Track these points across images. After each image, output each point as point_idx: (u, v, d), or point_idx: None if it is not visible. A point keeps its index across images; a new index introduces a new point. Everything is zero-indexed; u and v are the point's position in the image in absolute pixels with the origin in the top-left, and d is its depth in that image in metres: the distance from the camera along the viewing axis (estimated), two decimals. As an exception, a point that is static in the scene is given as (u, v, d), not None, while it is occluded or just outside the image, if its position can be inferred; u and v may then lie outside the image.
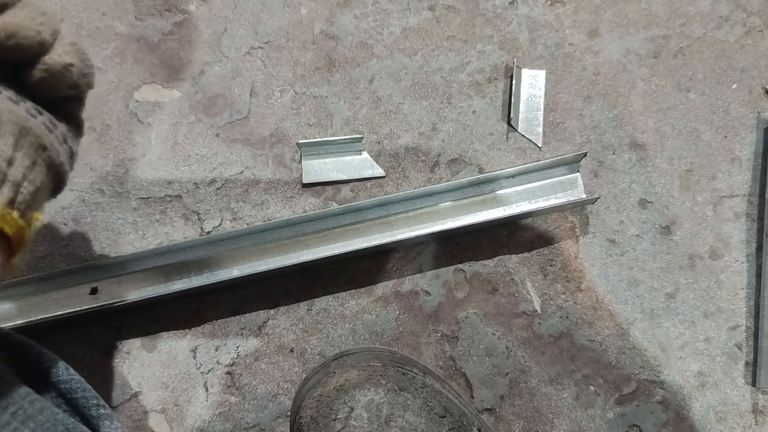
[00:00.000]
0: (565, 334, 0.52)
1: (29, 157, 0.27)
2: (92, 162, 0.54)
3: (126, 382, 0.50)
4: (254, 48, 0.57)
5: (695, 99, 0.57)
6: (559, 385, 0.52)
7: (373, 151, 0.55)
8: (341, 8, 0.58)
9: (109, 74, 0.56)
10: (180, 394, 0.50)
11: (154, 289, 0.50)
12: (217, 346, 0.51)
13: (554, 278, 0.53)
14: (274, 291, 0.52)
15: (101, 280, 0.50)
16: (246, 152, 0.54)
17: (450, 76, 0.57)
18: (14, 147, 0.26)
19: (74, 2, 0.57)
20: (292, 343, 0.51)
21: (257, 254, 0.51)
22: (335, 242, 0.52)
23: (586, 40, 0.58)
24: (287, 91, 0.56)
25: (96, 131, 0.54)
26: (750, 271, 0.54)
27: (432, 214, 0.52)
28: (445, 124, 0.56)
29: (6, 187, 0.26)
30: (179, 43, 0.57)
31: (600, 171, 0.55)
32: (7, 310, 0.49)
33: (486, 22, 0.58)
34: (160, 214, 0.53)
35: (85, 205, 0.53)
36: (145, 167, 0.54)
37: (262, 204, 0.54)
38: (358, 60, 0.57)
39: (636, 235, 0.54)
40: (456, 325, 0.52)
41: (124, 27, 0.57)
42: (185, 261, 0.50)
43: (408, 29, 0.57)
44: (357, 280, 0.53)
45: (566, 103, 0.57)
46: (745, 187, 0.55)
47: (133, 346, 0.51)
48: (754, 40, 0.58)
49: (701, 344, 0.53)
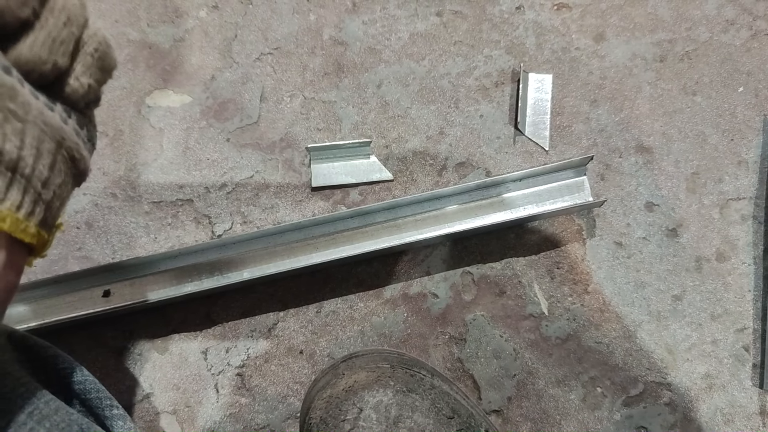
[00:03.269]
0: (572, 336, 0.53)
1: (62, 173, 0.27)
2: (105, 166, 0.55)
3: (138, 383, 0.51)
4: (264, 54, 0.57)
5: (701, 102, 0.57)
6: (566, 387, 0.52)
7: (382, 155, 0.56)
8: (350, 14, 0.58)
9: (122, 80, 0.56)
10: (191, 396, 0.51)
11: (165, 292, 0.51)
12: (228, 348, 0.52)
13: (561, 281, 0.54)
14: (283, 293, 0.53)
15: (114, 283, 0.51)
16: (256, 156, 0.55)
17: (457, 80, 0.57)
18: (50, 168, 0.25)
19: (88, 10, 0.58)
20: (302, 345, 0.52)
21: (267, 257, 0.52)
22: (344, 245, 0.52)
23: (593, 44, 0.58)
24: (296, 96, 0.57)
25: (109, 136, 0.55)
26: (757, 274, 0.54)
27: (440, 217, 0.53)
28: (453, 128, 0.56)
29: (39, 207, 0.25)
30: (190, 49, 0.57)
31: (607, 174, 0.56)
32: (23, 312, 0.50)
33: (493, 27, 0.58)
34: (171, 217, 0.54)
35: (98, 209, 0.54)
36: (157, 171, 0.55)
37: (272, 207, 0.54)
38: (367, 65, 0.57)
39: (643, 238, 0.55)
40: (464, 327, 0.53)
41: (136, 34, 0.58)
42: (196, 264, 0.51)
43: (416, 34, 0.58)
44: (365, 282, 0.53)
45: (573, 106, 0.57)
46: (752, 189, 0.55)
47: (145, 347, 0.52)
48: (761, 44, 0.58)
49: (708, 346, 0.53)
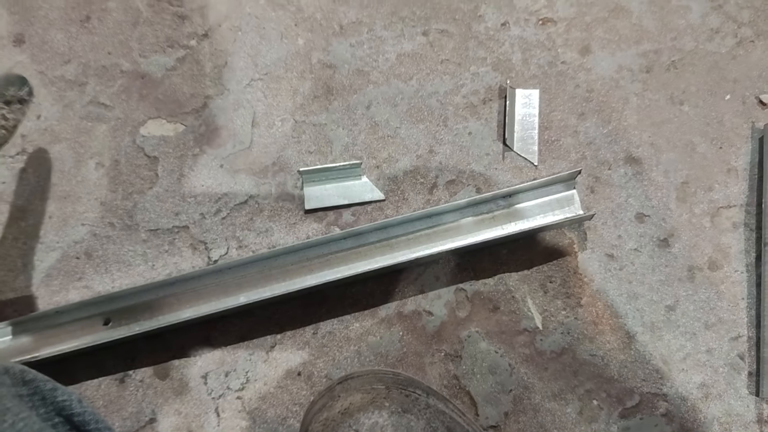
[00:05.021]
0: (567, 350, 0.53)
1: None
2: (102, 196, 0.56)
3: (140, 409, 0.52)
4: (254, 80, 0.58)
5: (689, 111, 0.58)
6: (562, 401, 0.52)
7: (373, 175, 0.57)
8: (337, 37, 0.59)
9: (116, 110, 0.58)
10: (192, 420, 0.52)
11: (164, 318, 0.52)
12: (227, 371, 0.53)
13: (554, 294, 0.54)
14: (280, 316, 0.54)
15: (114, 312, 0.52)
16: (250, 181, 0.56)
17: (445, 99, 0.58)
18: None
19: (81, 43, 0.59)
20: (300, 366, 0.53)
21: (263, 281, 0.53)
22: (338, 266, 0.53)
23: (579, 57, 0.59)
24: (287, 120, 0.58)
25: (105, 166, 0.56)
26: (750, 281, 0.54)
27: (431, 236, 0.54)
28: (442, 146, 0.57)
29: None
30: (182, 77, 0.59)
31: (596, 187, 0.56)
32: (25, 343, 0.51)
33: (479, 45, 0.59)
34: (168, 244, 0.55)
35: (97, 239, 0.55)
36: (153, 200, 0.56)
37: (266, 231, 0.55)
38: (355, 87, 0.58)
39: (634, 249, 0.55)
40: (459, 344, 0.53)
41: (129, 64, 0.59)
42: (194, 289, 0.52)
43: (403, 55, 0.59)
44: (361, 302, 0.54)
45: (560, 120, 0.58)
46: (742, 197, 0.56)
47: (146, 374, 0.53)
48: (746, 51, 0.59)
49: (703, 356, 0.53)
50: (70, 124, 0.57)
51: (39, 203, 0.55)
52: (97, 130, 0.57)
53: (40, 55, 0.59)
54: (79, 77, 0.58)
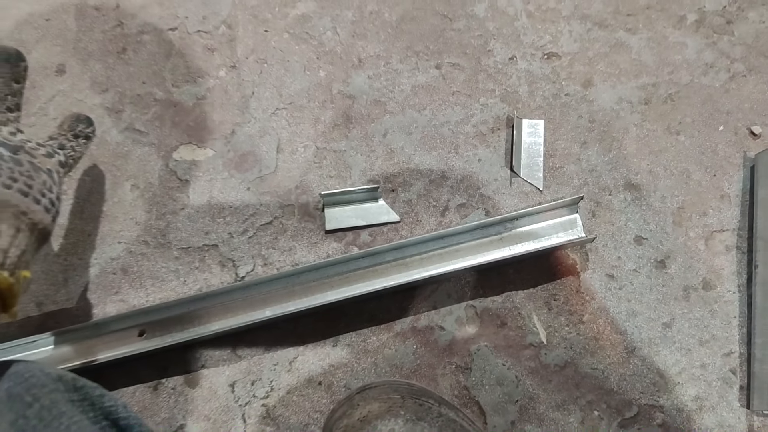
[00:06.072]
0: (569, 363, 0.57)
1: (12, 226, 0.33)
2: (137, 216, 0.60)
3: (172, 415, 0.56)
4: (279, 109, 0.63)
5: (685, 141, 0.62)
6: (565, 411, 0.56)
7: (389, 198, 0.61)
8: (356, 70, 0.64)
9: (150, 136, 0.62)
10: (221, 426, 0.56)
11: (195, 330, 0.55)
12: (253, 380, 0.56)
13: (558, 312, 0.58)
14: (302, 329, 0.58)
15: (148, 324, 0.56)
16: (274, 203, 0.60)
17: (456, 128, 0.62)
18: None
19: (117, 73, 0.64)
20: (320, 376, 0.57)
21: (287, 296, 0.56)
22: (356, 283, 0.57)
23: (581, 90, 0.63)
24: (310, 146, 0.62)
25: (140, 188, 0.61)
26: (741, 301, 0.58)
27: (444, 255, 0.58)
28: (453, 171, 0.61)
29: None
30: (212, 106, 0.63)
31: (598, 211, 0.60)
32: (66, 353, 0.55)
33: (488, 77, 0.64)
34: (199, 262, 0.59)
35: (132, 256, 0.59)
36: (184, 220, 0.60)
37: (290, 250, 0.59)
38: (373, 116, 0.63)
39: (633, 270, 0.59)
40: (469, 357, 0.57)
41: (162, 93, 0.63)
42: (222, 304, 0.56)
43: (417, 86, 0.63)
44: (377, 317, 0.58)
45: (564, 149, 0.62)
46: (735, 221, 0.60)
47: (178, 382, 0.56)
48: (738, 85, 0.63)
49: (697, 370, 0.57)
50: (107, 148, 0.61)
51: (78, 222, 0.60)
52: (132, 154, 0.61)
53: (79, 84, 0.63)
54: (116, 105, 0.63)
